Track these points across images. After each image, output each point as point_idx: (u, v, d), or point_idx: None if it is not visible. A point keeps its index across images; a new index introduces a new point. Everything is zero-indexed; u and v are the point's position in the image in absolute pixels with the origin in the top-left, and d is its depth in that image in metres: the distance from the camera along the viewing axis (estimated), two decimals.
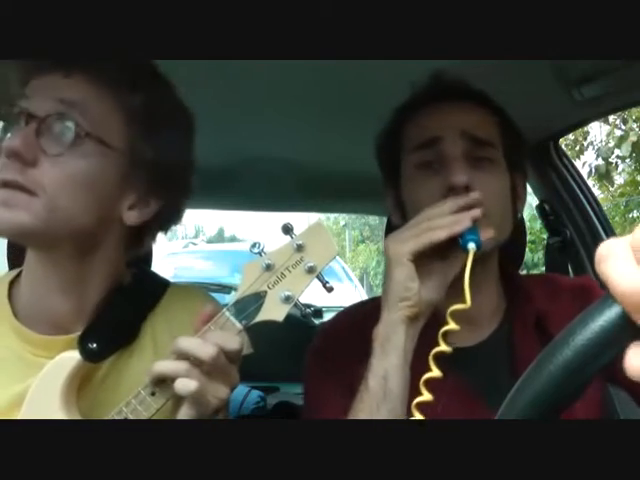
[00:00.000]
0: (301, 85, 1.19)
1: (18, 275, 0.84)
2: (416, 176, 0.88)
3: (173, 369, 0.69)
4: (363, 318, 0.86)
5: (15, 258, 1.23)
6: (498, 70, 1.08)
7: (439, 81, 0.92)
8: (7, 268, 1.20)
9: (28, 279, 0.81)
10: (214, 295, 0.95)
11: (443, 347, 0.74)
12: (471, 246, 0.75)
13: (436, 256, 0.79)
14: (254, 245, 0.73)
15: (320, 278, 0.74)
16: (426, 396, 0.73)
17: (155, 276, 0.92)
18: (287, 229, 0.73)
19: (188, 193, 0.85)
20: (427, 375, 0.74)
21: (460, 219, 0.77)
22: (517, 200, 0.93)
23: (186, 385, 0.68)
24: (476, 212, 0.78)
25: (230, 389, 0.73)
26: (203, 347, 0.69)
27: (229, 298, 2.56)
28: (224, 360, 0.70)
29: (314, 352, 0.94)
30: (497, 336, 0.89)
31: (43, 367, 0.75)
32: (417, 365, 0.77)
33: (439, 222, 0.76)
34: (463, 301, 0.75)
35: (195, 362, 0.69)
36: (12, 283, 0.83)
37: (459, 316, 0.88)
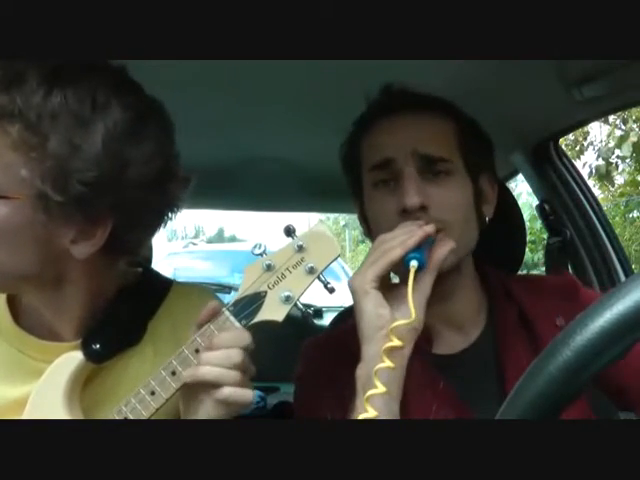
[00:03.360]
0: (301, 85, 1.19)
1: None
2: (374, 195, 0.87)
3: (221, 378, 0.70)
4: (344, 334, 0.85)
5: None
6: (498, 70, 1.08)
7: (388, 93, 0.90)
8: None
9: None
10: None
11: (387, 363, 0.70)
12: (413, 264, 0.75)
13: (404, 280, 0.77)
14: (256, 246, 0.73)
15: (321, 279, 0.73)
16: (387, 363, 0.70)
17: (159, 276, 0.92)
18: (289, 231, 0.73)
19: (154, 202, 0.76)
20: (389, 344, 0.71)
21: (412, 234, 0.76)
22: (483, 204, 0.91)
23: (243, 395, 0.70)
24: (430, 228, 0.78)
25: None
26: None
27: (229, 298, 2.55)
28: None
29: (299, 378, 0.93)
30: (483, 339, 0.89)
31: (43, 372, 0.74)
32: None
33: (392, 243, 0.76)
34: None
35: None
36: None
37: (446, 323, 0.89)
